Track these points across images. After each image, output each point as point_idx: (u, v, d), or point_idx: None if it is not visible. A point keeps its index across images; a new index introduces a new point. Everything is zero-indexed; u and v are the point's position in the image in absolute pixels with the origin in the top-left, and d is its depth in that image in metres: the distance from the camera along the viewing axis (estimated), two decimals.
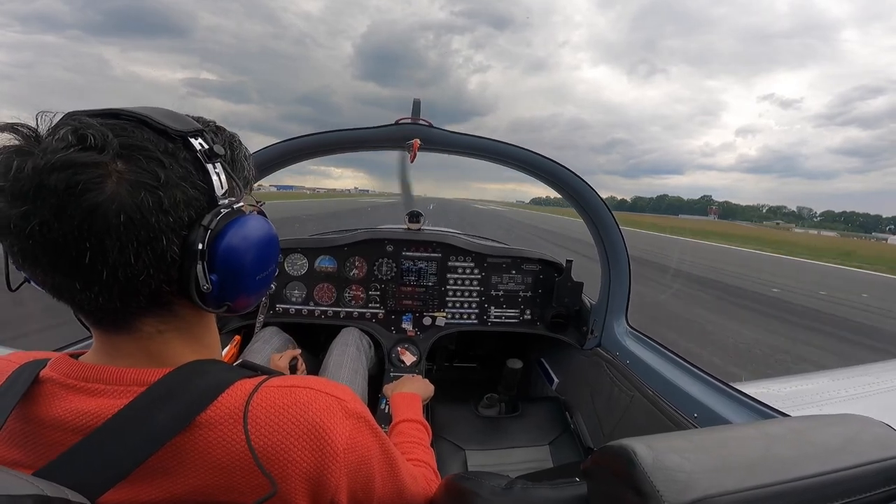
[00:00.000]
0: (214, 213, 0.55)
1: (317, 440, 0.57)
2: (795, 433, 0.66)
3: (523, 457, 1.80)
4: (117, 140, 0.49)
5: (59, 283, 0.51)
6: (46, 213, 0.46)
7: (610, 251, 1.84)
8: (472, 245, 2.29)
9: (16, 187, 0.46)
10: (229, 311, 0.61)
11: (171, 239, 0.52)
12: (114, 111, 0.52)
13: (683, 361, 1.51)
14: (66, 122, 0.49)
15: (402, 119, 1.58)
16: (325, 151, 1.74)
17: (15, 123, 0.49)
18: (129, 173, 0.49)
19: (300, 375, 0.65)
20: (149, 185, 0.49)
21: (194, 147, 0.55)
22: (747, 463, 0.57)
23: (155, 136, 0.52)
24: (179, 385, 0.55)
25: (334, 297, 2.25)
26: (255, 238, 0.59)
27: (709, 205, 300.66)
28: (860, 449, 0.60)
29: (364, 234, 2.25)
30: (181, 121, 0.56)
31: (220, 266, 0.56)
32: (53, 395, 0.55)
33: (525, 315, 2.32)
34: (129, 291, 0.52)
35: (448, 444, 1.79)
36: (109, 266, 0.49)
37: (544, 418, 1.99)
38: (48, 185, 0.46)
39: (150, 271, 0.51)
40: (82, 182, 0.46)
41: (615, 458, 0.58)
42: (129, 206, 0.48)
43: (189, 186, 0.53)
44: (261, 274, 0.62)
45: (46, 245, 0.47)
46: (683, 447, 0.59)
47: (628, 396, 1.65)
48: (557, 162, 1.70)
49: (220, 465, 0.54)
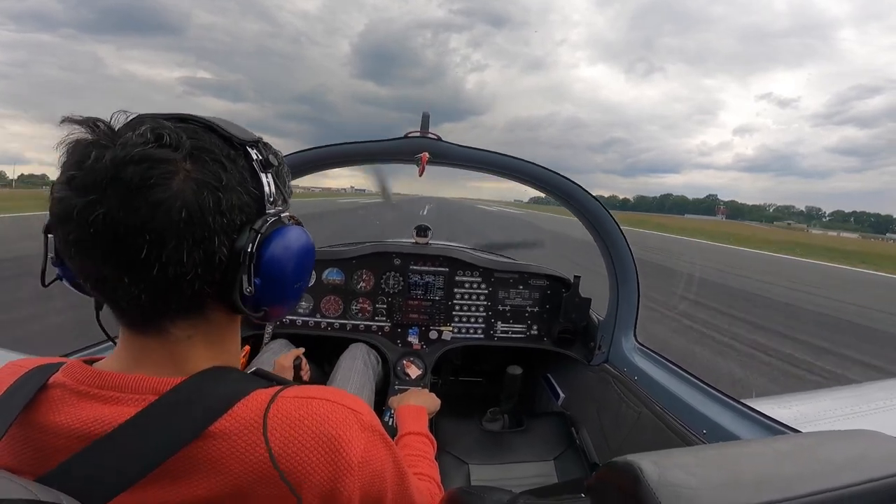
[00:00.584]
0: (264, 219, 0.58)
1: (333, 453, 0.57)
2: (805, 449, 0.65)
3: (528, 472, 1.78)
4: (189, 141, 0.52)
5: (106, 275, 0.52)
6: (115, 203, 0.48)
7: (619, 267, 1.83)
8: (480, 260, 2.29)
9: (89, 177, 0.48)
10: (264, 317, 0.62)
11: (222, 241, 0.54)
12: (183, 116, 0.56)
13: (693, 378, 1.49)
14: (143, 122, 0.52)
15: (411, 132, 1.59)
16: (334, 165, 1.75)
17: (94, 119, 0.51)
18: (195, 172, 0.51)
19: (316, 386, 0.65)
20: (211, 186, 0.52)
21: (251, 156, 0.58)
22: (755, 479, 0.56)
23: (220, 142, 0.56)
24: (193, 394, 0.55)
25: (341, 310, 2.25)
26: (298, 247, 0.62)
27: (715, 204, 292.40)
28: (870, 465, 0.58)
29: (372, 247, 2.26)
30: (242, 131, 0.59)
31: (265, 270, 0.58)
32: (63, 401, 0.55)
33: (532, 330, 2.31)
34: (173, 290, 0.53)
35: (452, 458, 1.78)
36: (162, 262, 0.50)
37: (550, 433, 1.97)
38: (123, 177, 0.48)
39: (198, 271, 0.53)
40: (155, 176, 0.48)
41: (620, 474, 0.57)
42: (192, 204, 0.50)
43: (244, 192, 0.56)
44: (298, 283, 0.64)
45: (107, 235, 0.49)
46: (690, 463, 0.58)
47: (636, 412, 1.62)
48: (566, 177, 1.70)
49: (236, 475, 0.54)
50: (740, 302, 9.74)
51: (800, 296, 11.36)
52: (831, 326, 8.29)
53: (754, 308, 9.25)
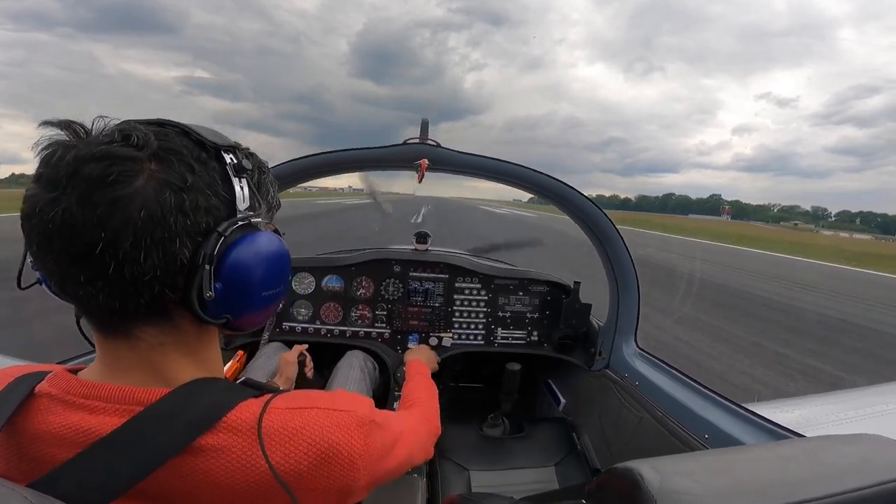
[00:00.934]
0: (231, 222, 0.56)
1: (336, 460, 0.59)
2: (808, 454, 0.64)
3: (528, 478, 1.76)
4: (157, 142, 0.51)
5: (65, 273, 0.51)
6: (73, 200, 0.48)
7: (619, 272, 1.83)
8: (479, 266, 2.29)
9: (52, 174, 0.49)
10: (229, 325, 0.60)
11: (184, 242, 0.52)
12: (161, 121, 0.56)
13: (694, 383, 1.49)
14: (117, 124, 0.53)
15: (410, 139, 1.60)
16: (332, 172, 1.76)
17: (71, 121, 0.52)
18: (159, 172, 0.51)
19: (303, 392, 0.65)
20: (175, 186, 0.51)
21: (225, 160, 0.57)
22: (759, 485, 0.55)
23: (191, 145, 0.55)
24: (178, 405, 0.54)
25: (341, 317, 2.24)
26: (266, 253, 0.60)
27: (718, 204, 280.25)
28: (874, 469, 0.58)
29: (371, 254, 2.26)
30: (219, 137, 0.58)
31: (227, 274, 0.56)
32: (48, 411, 0.54)
33: (532, 336, 2.30)
34: (131, 291, 0.52)
35: (452, 465, 1.77)
36: (118, 260, 0.49)
37: (550, 439, 1.96)
38: (82, 173, 0.48)
39: (157, 272, 0.51)
40: (115, 173, 0.48)
41: (621, 480, 0.57)
42: (152, 203, 0.50)
43: (212, 194, 0.55)
44: (267, 291, 0.61)
45: (63, 230, 0.48)
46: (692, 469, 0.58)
47: (637, 418, 1.62)
48: (565, 183, 1.70)
49: (232, 489, 0.54)
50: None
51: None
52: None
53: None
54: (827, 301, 10.16)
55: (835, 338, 7.02)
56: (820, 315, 8.57)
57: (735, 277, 13.01)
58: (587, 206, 1.73)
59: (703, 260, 17.69)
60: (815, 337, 6.95)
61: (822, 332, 7.32)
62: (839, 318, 8.50)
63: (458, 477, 1.72)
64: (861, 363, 5.92)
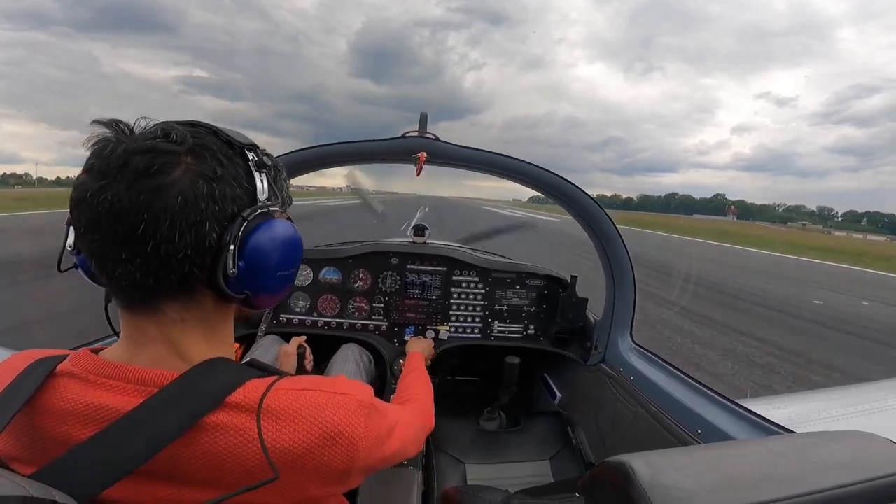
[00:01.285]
0: (253, 209, 0.63)
1: (339, 441, 0.62)
2: (798, 450, 0.65)
3: (523, 471, 1.78)
4: (193, 139, 0.59)
5: (107, 252, 0.57)
6: (122, 186, 0.55)
7: (615, 267, 1.83)
8: (477, 259, 2.29)
9: (104, 164, 0.56)
10: (248, 301, 0.67)
11: (212, 226, 0.59)
12: (194, 122, 0.64)
13: (688, 378, 1.50)
14: (158, 124, 0.60)
15: (409, 132, 1.59)
16: (331, 164, 1.75)
17: (117, 120, 0.59)
18: (195, 165, 0.58)
19: (308, 377, 0.69)
20: (207, 177, 0.59)
21: (248, 157, 0.65)
22: (749, 480, 0.56)
23: (221, 143, 0.63)
24: (189, 386, 0.58)
25: (338, 309, 2.25)
26: (282, 237, 0.67)
27: (722, 204, 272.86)
28: (864, 465, 0.59)
29: (369, 246, 2.26)
30: (243, 137, 0.66)
31: (248, 254, 0.62)
32: (67, 388, 0.58)
33: (529, 330, 2.31)
34: (164, 269, 0.58)
35: (448, 458, 1.78)
36: (156, 240, 0.56)
37: (546, 433, 1.97)
38: (130, 164, 0.55)
39: (188, 252, 0.58)
40: (158, 164, 0.55)
41: (613, 473, 0.57)
42: (188, 191, 0.57)
43: (237, 185, 0.62)
44: (282, 272, 0.68)
45: (111, 213, 0.55)
46: (684, 464, 0.59)
47: (631, 412, 1.63)
48: (562, 177, 1.70)
49: (234, 467, 0.57)
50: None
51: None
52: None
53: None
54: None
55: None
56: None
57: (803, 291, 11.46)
58: (585, 200, 1.73)
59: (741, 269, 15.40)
60: None
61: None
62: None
63: (454, 470, 1.74)
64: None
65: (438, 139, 1.60)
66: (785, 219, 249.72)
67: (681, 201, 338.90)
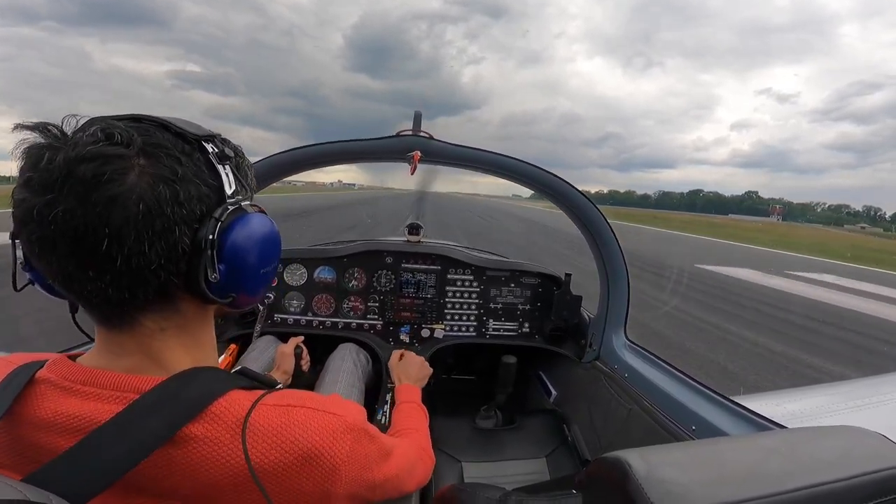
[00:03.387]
0: (224, 207, 0.59)
1: (317, 463, 0.59)
2: (790, 445, 0.66)
3: (520, 469, 1.79)
4: (141, 138, 0.53)
5: (71, 272, 0.53)
6: (72, 201, 0.49)
7: (609, 264, 1.84)
8: (472, 258, 2.30)
9: (45, 177, 0.50)
10: (233, 304, 0.64)
11: (183, 231, 0.55)
12: (136, 116, 0.57)
13: (682, 375, 1.51)
14: (94, 123, 0.54)
15: (403, 131, 1.59)
16: (324, 163, 1.75)
17: (45, 123, 0.53)
18: (150, 167, 0.53)
19: (297, 391, 0.65)
20: (167, 179, 0.53)
21: (207, 150, 0.60)
22: (742, 475, 0.57)
23: (173, 138, 0.57)
24: (170, 394, 0.56)
25: (333, 308, 2.25)
26: (261, 233, 0.63)
27: (756, 203, 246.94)
28: (854, 461, 0.60)
29: (363, 245, 2.26)
30: (196, 127, 0.60)
31: (228, 256, 0.59)
32: (45, 397, 0.56)
33: (523, 328, 2.32)
34: (138, 282, 0.54)
35: (444, 456, 1.78)
36: (124, 254, 0.51)
37: (542, 431, 1.98)
38: (76, 174, 0.49)
39: (162, 261, 0.54)
40: (108, 172, 0.50)
41: (610, 469, 0.58)
42: (149, 197, 0.52)
43: (201, 183, 0.57)
44: (265, 268, 0.65)
45: (67, 231, 0.50)
46: (679, 459, 0.59)
47: (626, 409, 1.64)
48: (557, 175, 1.71)
49: (211, 481, 0.55)
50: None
51: None
52: None
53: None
54: None
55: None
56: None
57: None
58: (579, 199, 1.74)
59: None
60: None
61: None
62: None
63: (450, 468, 1.74)
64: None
65: (433, 138, 1.60)
66: (830, 219, 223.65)
67: (707, 199, 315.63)
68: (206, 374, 0.60)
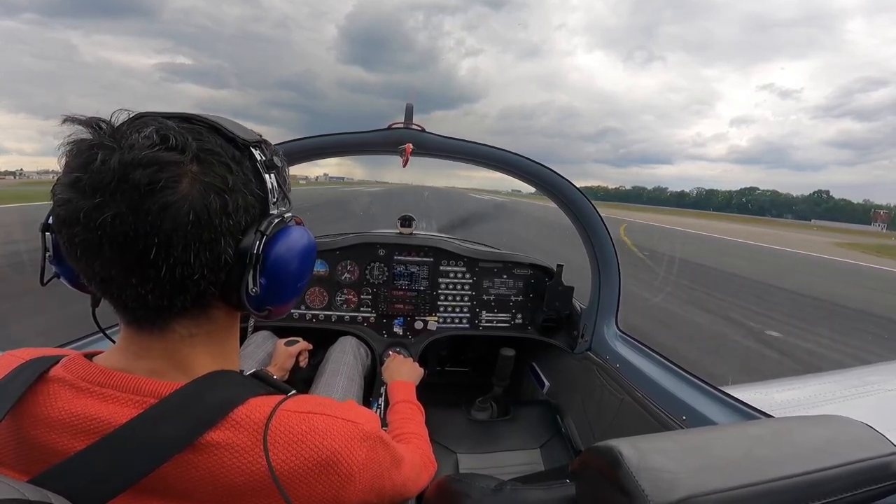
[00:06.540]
0: (269, 220, 0.58)
1: (335, 470, 0.59)
2: (777, 434, 0.67)
3: (515, 460, 1.81)
4: (195, 143, 0.52)
5: (114, 276, 0.52)
6: (123, 206, 0.48)
7: (599, 255, 1.86)
8: (464, 250, 2.31)
9: (96, 179, 0.48)
10: (267, 316, 0.63)
11: (227, 241, 0.54)
12: (186, 116, 0.56)
13: (672, 365, 1.53)
14: (147, 122, 0.52)
15: (395, 124, 1.59)
16: (315, 157, 1.74)
17: (97, 119, 0.52)
18: (202, 175, 0.52)
19: (315, 398, 0.65)
20: (218, 188, 0.52)
21: (255, 157, 0.58)
22: (731, 463, 0.58)
23: (224, 143, 0.56)
24: (191, 399, 0.55)
25: (326, 301, 2.25)
26: (301, 247, 0.63)
27: (824, 203, 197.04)
28: (840, 449, 0.61)
29: (356, 238, 2.26)
30: (245, 131, 0.59)
31: (270, 271, 0.58)
32: (58, 396, 0.54)
33: (516, 319, 2.34)
34: (178, 290, 0.54)
35: (440, 448, 1.80)
36: (170, 263, 0.51)
37: (536, 422, 2.00)
38: (131, 180, 0.48)
39: (204, 272, 0.53)
40: (163, 179, 0.49)
41: (602, 458, 0.59)
42: (199, 207, 0.51)
43: (248, 193, 0.57)
44: (301, 282, 0.65)
45: (116, 237, 0.49)
46: (669, 448, 0.60)
47: (618, 399, 1.66)
48: (549, 167, 1.71)
49: (230, 486, 0.54)
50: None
51: None
52: None
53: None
54: None
55: None
56: None
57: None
58: (571, 191, 1.74)
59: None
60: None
61: None
62: None
63: (445, 460, 1.76)
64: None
65: (424, 130, 1.59)
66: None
67: (761, 199, 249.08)
68: (226, 378, 0.59)
